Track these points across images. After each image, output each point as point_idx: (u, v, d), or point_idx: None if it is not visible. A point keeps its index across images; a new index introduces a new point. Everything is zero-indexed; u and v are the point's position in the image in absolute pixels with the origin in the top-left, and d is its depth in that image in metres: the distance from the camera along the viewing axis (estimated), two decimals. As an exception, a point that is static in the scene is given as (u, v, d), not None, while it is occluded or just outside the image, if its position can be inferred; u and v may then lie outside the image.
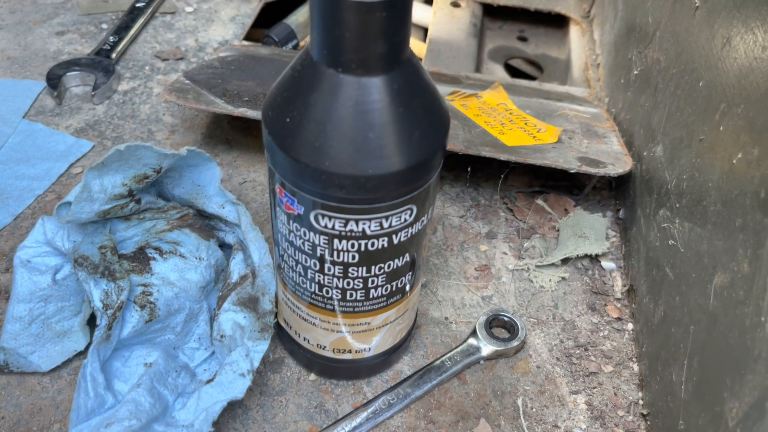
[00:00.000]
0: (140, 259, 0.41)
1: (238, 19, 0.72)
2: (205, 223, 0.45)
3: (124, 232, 0.42)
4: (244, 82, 0.54)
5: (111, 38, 0.65)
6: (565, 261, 0.50)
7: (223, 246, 0.46)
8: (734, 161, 0.34)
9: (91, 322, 0.41)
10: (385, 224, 0.32)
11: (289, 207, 0.33)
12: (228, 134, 0.58)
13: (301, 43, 0.68)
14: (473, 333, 0.44)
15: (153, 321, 0.40)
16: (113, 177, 0.39)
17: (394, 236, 0.33)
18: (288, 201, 0.32)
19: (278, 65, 0.58)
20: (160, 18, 0.71)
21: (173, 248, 0.42)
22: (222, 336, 0.39)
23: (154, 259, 0.41)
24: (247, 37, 0.69)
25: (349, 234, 0.32)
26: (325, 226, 0.32)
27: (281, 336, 0.42)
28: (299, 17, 0.67)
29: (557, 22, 0.83)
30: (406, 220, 0.32)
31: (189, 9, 0.72)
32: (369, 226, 0.32)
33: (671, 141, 0.43)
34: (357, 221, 0.31)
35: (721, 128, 0.36)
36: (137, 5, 0.70)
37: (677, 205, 0.40)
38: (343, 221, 0.31)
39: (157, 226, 0.43)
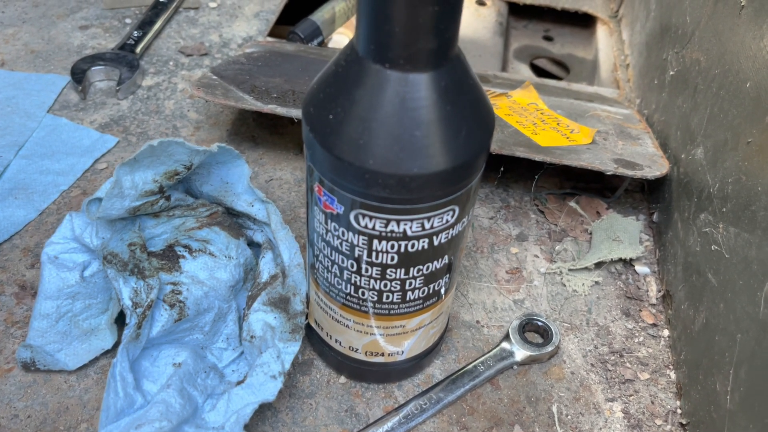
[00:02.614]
0: (169, 257, 0.40)
1: (262, 15, 0.71)
2: (233, 221, 0.44)
3: (153, 229, 0.41)
4: (271, 79, 0.53)
5: (135, 33, 0.64)
6: (598, 265, 0.49)
7: (252, 244, 0.45)
8: (787, 165, 0.33)
9: (119, 320, 0.41)
10: (427, 225, 0.31)
11: (327, 206, 0.32)
12: (253, 131, 0.57)
13: (326, 40, 0.67)
14: (506, 337, 0.43)
15: (182, 320, 0.39)
16: (144, 173, 0.38)
17: (434, 237, 0.32)
18: (327, 200, 0.31)
19: (305, 62, 0.58)
20: (184, 13, 0.70)
21: (203, 246, 0.41)
22: (252, 337, 0.39)
23: (183, 257, 0.41)
24: (271, 34, 0.68)
25: (389, 235, 0.31)
26: (365, 227, 0.31)
27: (311, 337, 0.42)
28: (324, 14, 0.66)
29: (583, 21, 0.82)
30: (447, 221, 0.32)
31: (213, 4, 0.72)
32: (410, 227, 0.31)
33: (714, 143, 0.42)
34: (398, 222, 0.30)
35: (772, 131, 0.35)
36: (161, 0, 0.69)
37: (722, 210, 0.39)
38: (384, 221, 0.30)
39: (186, 224, 0.42)
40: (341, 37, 0.70)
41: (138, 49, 0.62)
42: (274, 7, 0.72)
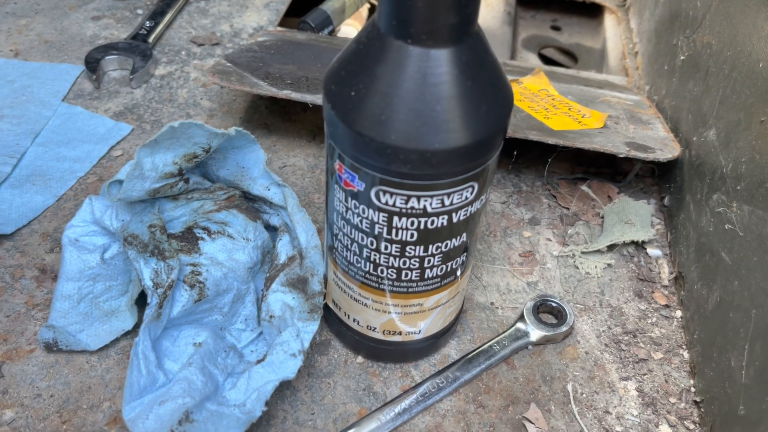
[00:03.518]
0: (189, 238, 0.41)
1: (272, 5, 0.71)
2: (250, 205, 0.45)
3: (172, 211, 0.42)
4: (285, 66, 0.53)
5: (147, 23, 0.65)
6: (610, 248, 0.49)
7: (268, 228, 0.46)
8: (802, 141, 0.33)
9: (139, 301, 0.41)
10: (447, 201, 0.31)
11: (348, 183, 0.32)
12: (266, 119, 0.58)
13: (336, 29, 0.67)
14: (521, 318, 0.44)
15: (202, 301, 0.39)
16: (164, 155, 0.39)
17: (453, 214, 0.32)
18: (348, 177, 0.32)
19: (317, 50, 0.58)
20: (195, 4, 0.71)
21: (221, 228, 0.42)
22: (271, 317, 0.39)
23: (202, 239, 0.41)
24: (281, 24, 0.69)
25: (409, 211, 0.32)
26: (386, 203, 0.31)
27: (328, 318, 0.42)
28: (335, 3, 0.66)
29: (591, 11, 0.82)
30: (467, 198, 0.32)
31: (223, -5, 0.72)
32: (430, 203, 0.31)
33: (726, 124, 0.42)
34: (419, 198, 0.31)
35: (786, 108, 0.35)
36: (172, -9, 0.69)
37: (736, 189, 0.39)
38: (405, 198, 0.31)
39: (204, 207, 0.42)
40: (350, 29, 0.70)
41: (150, 39, 0.63)
42: (284, -2, 0.72)
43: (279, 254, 0.42)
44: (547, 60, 0.78)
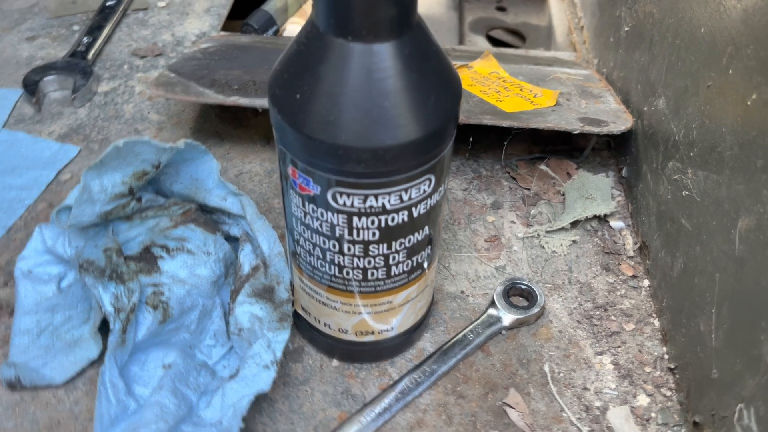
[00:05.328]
0: (147, 258, 0.40)
1: (213, 10, 0.70)
2: (208, 217, 0.44)
3: (127, 232, 0.41)
4: (230, 71, 0.52)
5: (85, 39, 0.63)
6: (574, 224, 0.49)
7: (229, 238, 0.45)
8: (748, 103, 0.33)
9: (102, 328, 0.40)
10: (405, 197, 0.31)
11: (303, 188, 0.31)
12: (217, 127, 0.57)
13: (281, 29, 0.66)
14: (492, 304, 0.44)
15: (167, 321, 0.38)
16: (113, 175, 0.37)
17: (413, 209, 0.32)
18: (302, 182, 0.31)
19: (262, 52, 0.57)
20: (133, 15, 0.69)
21: (180, 245, 0.41)
22: (240, 330, 0.38)
23: (161, 257, 0.40)
24: (224, 28, 0.67)
25: (368, 210, 0.31)
26: (344, 204, 0.31)
27: (299, 324, 0.41)
28: (277, 2, 0.65)
29: (534, -11, 0.82)
30: (425, 191, 0.32)
31: (161, 4, 0.70)
32: (389, 200, 0.31)
33: (674, 92, 0.43)
34: (376, 196, 0.30)
35: (730, 72, 0.36)
36: (107, 4, 0.67)
37: (689, 155, 0.40)
38: (362, 197, 0.30)
39: (160, 224, 0.41)
40: (295, 27, 0.69)
41: (90, 56, 0.61)
42: (225, 1, 0.71)
43: (242, 265, 0.41)
44: (495, 41, 0.79)
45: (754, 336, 0.32)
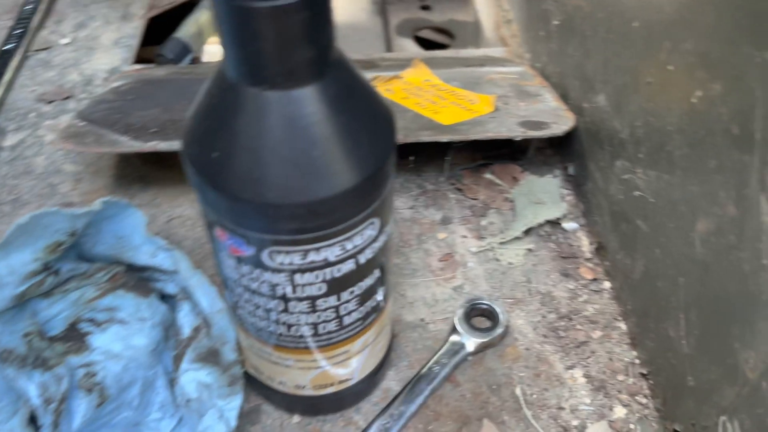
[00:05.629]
0: (74, 336, 0.36)
1: (122, 41, 0.65)
2: (138, 277, 0.40)
3: (48, 310, 0.37)
4: (147, 112, 0.48)
5: (-17, 89, 0.58)
6: (527, 232, 0.48)
7: (165, 297, 0.41)
8: (693, 100, 0.32)
9: (34, 419, 0.36)
10: (349, 246, 0.28)
11: (235, 250, 0.28)
12: (140, 171, 0.53)
13: (198, 55, 0.62)
14: (453, 329, 0.41)
15: (105, 403, 0.35)
16: (21, 255, 0.33)
17: (359, 256, 0.29)
18: (233, 244, 0.28)
19: (180, 85, 0.53)
20: (34, 57, 0.64)
21: (110, 315, 0.37)
22: (188, 400, 0.35)
23: (89, 332, 0.36)
24: (138, 59, 0.63)
25: (310, 266, 0.28)
26: (282, 263, 0.28)
27: (252, 383, 0.38)
28: (190, 28, 0.61)
29: (456, -16, 0.80)
30: (371, 236, 0.29)
31: (65, 41, 0.65)
32: (332, 253, 0.28)
33: (614, 88, 0.41)
34: (317, 250, 0.28)
35: (670, 67, 0.34)
36: (5, 48, 0.62)
37: (638, 155, 0.38)
38: (302, 253, 0.28)
39: (85, 295, 0.37)
40: (214, 49, 0.65)
41: (-10, 107, 0.56)
42: (134, 31, 0.66)
43: (182, 327, 0.38)
44: (424, 42, 0.76)
45: (727, 343, 0.30)
